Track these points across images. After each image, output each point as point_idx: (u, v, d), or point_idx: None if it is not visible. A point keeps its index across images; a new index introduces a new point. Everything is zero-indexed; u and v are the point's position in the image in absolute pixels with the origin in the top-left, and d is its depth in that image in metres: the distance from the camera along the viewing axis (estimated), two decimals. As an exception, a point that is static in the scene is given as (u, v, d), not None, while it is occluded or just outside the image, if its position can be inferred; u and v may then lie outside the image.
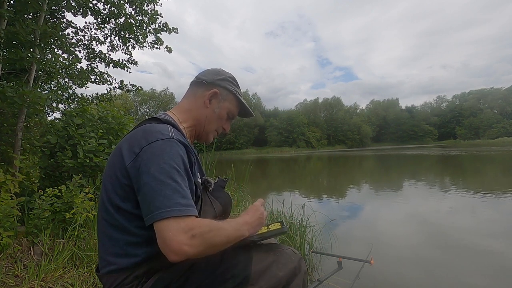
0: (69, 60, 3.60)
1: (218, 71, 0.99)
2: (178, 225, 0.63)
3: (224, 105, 0.97)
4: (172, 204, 0.65)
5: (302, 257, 0.91)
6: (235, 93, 0.98)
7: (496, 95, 73.45)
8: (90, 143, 2.78)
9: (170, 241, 0.62)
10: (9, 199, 2.11)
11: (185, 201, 0.67)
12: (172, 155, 0.71)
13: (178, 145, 0.74)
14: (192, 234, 0.63)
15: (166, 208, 0.64)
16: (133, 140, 0.75)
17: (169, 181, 0.67)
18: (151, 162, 0.69)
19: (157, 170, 0.68)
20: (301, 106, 76.59)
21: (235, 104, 1.00)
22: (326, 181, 9.72)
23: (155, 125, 0.79)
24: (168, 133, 0.75)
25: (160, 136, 0.73)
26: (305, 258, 2.32)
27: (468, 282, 2.17)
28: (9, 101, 2.53)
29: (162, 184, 0.66)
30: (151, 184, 0.67)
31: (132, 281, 0.74)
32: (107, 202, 0.75)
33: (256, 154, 46.22)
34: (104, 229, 0.77)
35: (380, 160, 19.16)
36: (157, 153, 0.70)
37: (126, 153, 0.74)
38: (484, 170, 10.29)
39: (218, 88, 0.95)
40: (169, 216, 0.63)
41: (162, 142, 0.72)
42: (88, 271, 1.93)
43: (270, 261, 0.84)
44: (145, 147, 0.72)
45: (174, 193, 0.66)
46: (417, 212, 4.47)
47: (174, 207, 0.64)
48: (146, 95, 57.90)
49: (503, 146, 30.02)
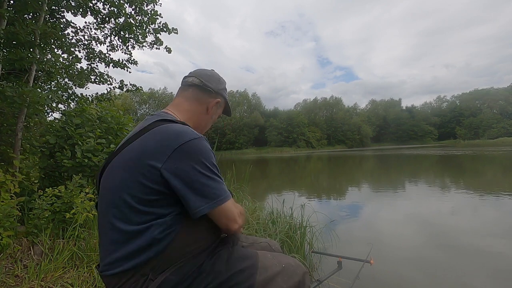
0: (69, 60, 3.60)
1: (219, 78, 1.03)
2: (232, 210, 0.81)
3: (218, 112, 1.07)
4: (224, 192, 0.79)
5: (307, 271, 0.92)
6: (227, 101, 1.07)
7: (496, 95, 73.39)
8: (88, 143, 2.77)
9: (233, 218, 0.81)
10: (9, 199, 2.11)
11: (226, 187, 0.81)
12: (208, 152, 0.79)
13: (207, 142, 0.81)
14: (240, 212, 0.86)
15: (223, 195, 0.78)
16: (160, 142, 0.75)
17: (213, 176, 0.78)
18: (194, 161, 0.75)
19: (202, 167, 0.76)
20: (301, 106, 76.56)
21: (223, 108, 1.09)
22: (326, 181, 9.72)
23: (176, 126, 0.81)
24: (194, 132, 0.80)
25: (190, 136, 0.77)
26: (305, 258, 2.33)
27: (468, 282, 2.17)
28: (9, 101, 2.53)
29: (210, 178, 0.76)
30: (201, 180, 0.75)
31: (137, 280, 0.73)
32: (123, 205, 0.73)
33: (256, 154, 46.22)
34: (107, 232, 0.76)
35: (380, 160, 19.16)
36: (194, 152, 0.76)
37: (155, 155, 0.73)
38: (484, 171, 10.29)
39: (220, 97, 1.02)
40: (227, 200, 0.79)
41: (196, 141, 0.77)
42: (88, 271, 1.93)
43: (276, 272, 0.85)
44: (178, 148, 0.74)
45: (221, 183, 0.80)
46: (417, 212, 4.47)
47: (227, 193, 0.80)
48: (146, 95, 57.87)
49: (503, 146, 30.01)
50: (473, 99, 77.42)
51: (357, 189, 7.33)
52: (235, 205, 0.85)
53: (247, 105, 68.73)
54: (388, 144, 74.94)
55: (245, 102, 68.33)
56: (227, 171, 4.30)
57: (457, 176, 9.04)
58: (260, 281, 0.81)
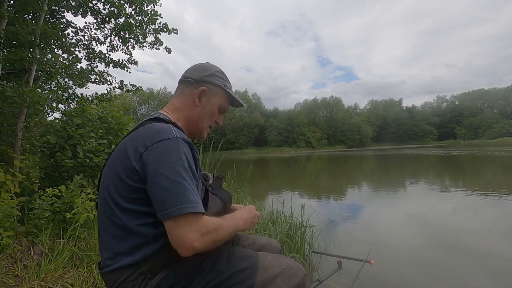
0: (69, 60, 3.60)
1: (204, 66, 0.97)
2: (190, 223, 0.68)
3: (214, 101, 0.96)
4: (184, 201, 0.68)
5: (306, 273, 0.92)
6: (224, 87, 0.97)
7: (496, 95, 73.42)
8: (90, 143, 2.78)
9: (182, 237, 0.67)
10: (9, 199, 2.11)
11: (194, 198, 0.70)
12: (179, 154, 0.73)
13: (183, 144, 0.76)
14: (202, 233, 0.69)
15: (179, 205, 0.67)
16: (138, 140, 0.75)
17: (179, 180, 0.70)
18: (160, 162, 0.71)
19: (168, 170, 0.70)
20: (301, 106, 76.55)
21: (225, 97, 0.99)
22: (326, 181, 9.72)
23: (157, 125, 0.79)
24: (172, 132, 0.76)
25: (165, 136, 0.74)
26: (305, 258, 2.33)
27: (468, 282, 2.17)
28: (9, 101, 2.53)
29: (174, 182, 0.69)
30: (162, 183, 0.69)
31: (135, 278, 0.74)
32: (112, 203, 0.75)
33: (256, 154, 46.21)
34: (107, 228, 0.77)
35: (380, 160, 19.15)
36: (164, 152, 0.72)
37: (132, 154, 0.74)
38: (484, 171, 10.29)
39: (206, 85, 0.94)
40: (182, 213, 0.67)
41: (168, 141, 0.73)
42: (88, 271, 1.93)
43: (276, 273, 0.84)
44: (151, 146, 0.72)
45: (185, 191, 0.69)
46: (417, 212, 4.47)
47: (187, 203, 0.68)
48: (145, 95, 57.86)
49: (504, 146, 30.00)
50: (473, 99, 77.45)
51: (357, 189, 7.33)
52: (202, 220, 0.70)
53: (247, 105, 68.71)
54: (388, 144, 74.93)
55: (245, 102, 67.90)
56: (227, 171, 4.30)
57: (457, 176, 9.04)
58: (260, 281, 0.81)
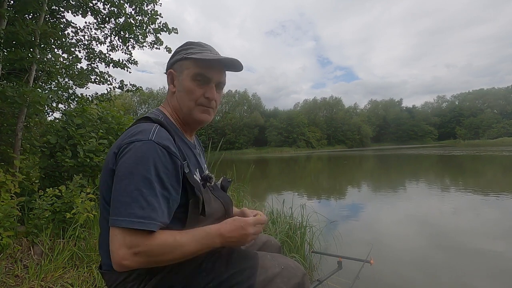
0: (69, 60, 3.60)
1: (173, 52, 0.90)
2: (123, 239, 0.62)
3: (183, 76, 0.83)
4: (125, 213, 0.62)
5: (306, 273, 0.92)
6: (185, 57, 0.82)
7: (496, 95, 73.43)
8: (90, 143, 2.78)
9: (112, 252, 0.63)
10: (9, 199, 2.11)
11: (142, 212, 0.62)
12: (145, 160, 0.66)
13: (156, 148, 0.68)
14: (135, 252, 0.62)
15: (118, 216, 0.62)
16: (117, 141, 0.74)
17: (131, 188, 0.63)
18: (123, 165, 0.67)
19: (125, 174, 0.65)
20: (301, 106, 76.59)
21: (193, 65, 0.81)
22: (326, 181, 9.72)
23: (141, 125, 0.75)
24: (149, 134, 0.70)
25: (139, 137, 0.69)
26: (305, 258, 2.33)
27: (468, 282, 2.17)
28: (9, 101, 2.53)
29: (124, 190, 0.64)
30: (116, 187, 0.65)
31: (135, 278, 0.74)
32: (105, 203, 0.75)
33: (256, 154, 46.21)
34: (105, 228, 0.76)
35: (380, 160, 19.16)
36: (130, 156, 0.67)
37: (111, 155, 0.72)
38: (484, 171, 10.29)
39: (172, 67, 0.86)
40: (118, 225, 0.62)
41: (139, 144, 0.68)
42: (88, 271, 1.93)
43: (275, 273, 0.84)
44: (122, 148, 0.69)
45: (133, 201, 0.62)
46: (417, 213, 4.47)
47: (126, 217, 0.61)
48: (145, 94, 57.89)
49: (504, 146, 30.00)
50: (473, 99, 77.46)
51: (357, 189, 7.33)
52: (143, 239, 0.62)
53: (247, 105, 68.75)
54: (388, 144, 74.95)
55: (245, 102, 68.31)
56: (227, 171, 4.30)
57: (457, 176, 9.04)
58: (260, 281, 0.80)
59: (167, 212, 0.68)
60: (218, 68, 0.84)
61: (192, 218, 0.78)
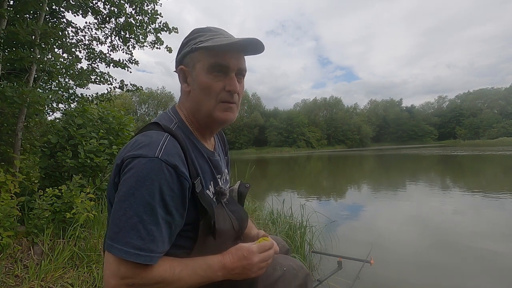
0: (70, 60, 3.60)
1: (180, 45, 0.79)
2: (117, 268, 0.56)
3: (197, 71, 0.71)
4: (122, 241, 0.56)
5: (309, 272, 0.90)
6: (195, 47, 0.71)
7: (496, 95, 73.38)
8: (91, 143, 2.78)
9: (104, 277, 0.59)
10: (9, 199, 2.10)
11: (140, 243, 0.56)
12: (150, 182, 0.58)
13: (163, 168, 0.60)
14: (128, 284, 0.57)
15: (114, 242, 0.57)
16: (122, 152, 0.66)
17: (131, 213, 0.57)
18: (125, 184, 0.60)
19: (126, 196, 0.58)
20: (300, 106, 76.57)
21: (206, 55, 0.70)
22: (326, 181, 9.72)
23: (147, 135, 0.66)
24: (156, 150, 0.61)
25: (144, 153, 0.60)
26: (305, 258, 2.33)
27: (468, 282, 2.17)
28: (9, 101, 2.53)
29: (124, 214, 0.57)
30: (116, 206, 0.59)
31: None
32: (110, 206, 0.71)
33: (256, 154, 46.19)
34: None
35: (380, 160, 19.16)
36: (133, 174, 0.59)
37: (115, 167, 0.66)
38: (484, 171, 10.28)
39: (182, 63, 0.75)
40: (113, 253, 0.57)
41: (144, 161, 0.59)
42: (88, 271, 1.93)
43: (277, 276, 0.83)
44: (126, 162, 0.62)
45: (132, 229, 0.56)
46: (417, 213, 4.47)
47: (123, 246, 0.56)
48: (145, 94, 57.86)
49: (504, 146, 29.99)
50: (473, 99, 77.42)
51: (357, 190, 7.33)
52: (139, 271, 0.57)
53: (247, 105, 68.74)
54: (388, 144, 74.91)
55: (245, 102, 68.29)
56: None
57: (457, 176, 9.04)
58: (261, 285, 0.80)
59: (168, 238, 0.63)
60: (235, 53, 0.71)
61: (202, 240, 0.72)
